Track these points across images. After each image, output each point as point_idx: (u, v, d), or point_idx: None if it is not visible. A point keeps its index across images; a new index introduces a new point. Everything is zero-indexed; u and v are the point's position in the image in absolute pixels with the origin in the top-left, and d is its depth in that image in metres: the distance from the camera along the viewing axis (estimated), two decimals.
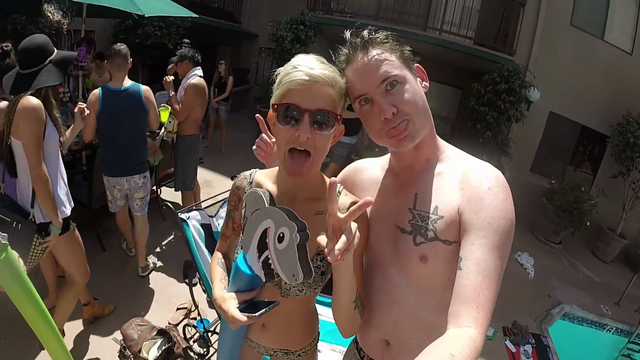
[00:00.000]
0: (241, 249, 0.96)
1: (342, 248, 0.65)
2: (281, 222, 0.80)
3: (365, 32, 0.83)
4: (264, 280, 0.90)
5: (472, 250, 0.73)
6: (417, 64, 0.87)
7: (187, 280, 1.91)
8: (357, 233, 0.69)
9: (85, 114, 2.06)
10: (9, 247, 1.21)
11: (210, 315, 2.48)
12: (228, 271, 1.05)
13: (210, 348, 2.22)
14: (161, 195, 3.86)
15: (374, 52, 0.82)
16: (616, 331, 4.49)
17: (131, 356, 2.08)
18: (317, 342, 1.17)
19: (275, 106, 0.83)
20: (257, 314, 0.83)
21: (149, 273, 2.94)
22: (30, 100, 1.63)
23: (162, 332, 2.17)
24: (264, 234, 0.84)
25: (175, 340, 2.17)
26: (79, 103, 2.09)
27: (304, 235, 0.77)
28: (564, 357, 3.35)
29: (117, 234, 3.17)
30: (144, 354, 2.05)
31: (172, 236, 3.48)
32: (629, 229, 6.08)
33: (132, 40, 6.51)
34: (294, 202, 0.93)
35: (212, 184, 4.81)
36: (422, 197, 0.85)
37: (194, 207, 1.85)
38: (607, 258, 5.97)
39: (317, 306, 1.14)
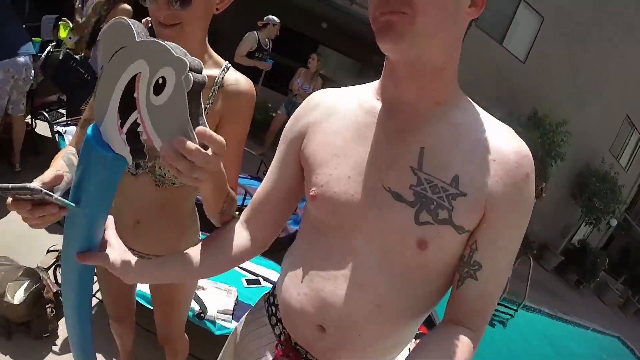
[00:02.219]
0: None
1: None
2: (161, 61, 0.52)
3: None
4: (130, 162, 0.60)
5: (496, 262, 0.61)
6: None
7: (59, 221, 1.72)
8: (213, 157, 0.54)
9: None
10: None
11: None
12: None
13: None
14: (36, 130, 3.28)
15: None
16: None
17: None
18: None
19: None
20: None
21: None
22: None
23: (29, 273, 1.90)
24: (130, 87, 0.55)
25: (45, 283, 1.94)
26: None
27: (201, 78, 0.53)
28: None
29: None
30: (8, 297, 1.78)
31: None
32: None
33: None
34: None
35: None
36: (433, 155, 0.61)
37: (69, 122, 1.65)
38: None
39: None
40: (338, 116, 0.70)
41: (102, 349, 1.84)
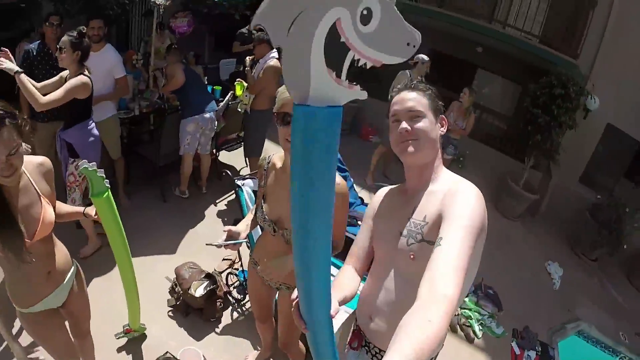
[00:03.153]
0: None
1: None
2: None
3: (415, 82, 1.21)
4: (365, 96, 0.63)
5: (449, 231, 0.91)
6: (442, 116, 1.18)
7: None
8: None
9: None
10: (109, 189, 1.58)
11: None
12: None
13: (247, 296, 2.59)
14: (219, 158, 4.25)
15: (415, 94, 1.15)
16: None
17: (181, 292, 2.49)
18: None
19: (276, 113, 1.29)
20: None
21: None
22: None
23: (208, 276, 2.54)
24: (331, 37, 0.57)
25: (219, 284, 2.55)
26: None
27: None
28: None
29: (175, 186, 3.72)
30: (192, 291, 2.42)
31: (225, 196, 3.88)
32: None
33: (200, 10, 6.82)
34: None
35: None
36: (419, 209, 1.11)
37: (247, 176, 2.16)
38: None
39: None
40: (386, 199, 1.28)
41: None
